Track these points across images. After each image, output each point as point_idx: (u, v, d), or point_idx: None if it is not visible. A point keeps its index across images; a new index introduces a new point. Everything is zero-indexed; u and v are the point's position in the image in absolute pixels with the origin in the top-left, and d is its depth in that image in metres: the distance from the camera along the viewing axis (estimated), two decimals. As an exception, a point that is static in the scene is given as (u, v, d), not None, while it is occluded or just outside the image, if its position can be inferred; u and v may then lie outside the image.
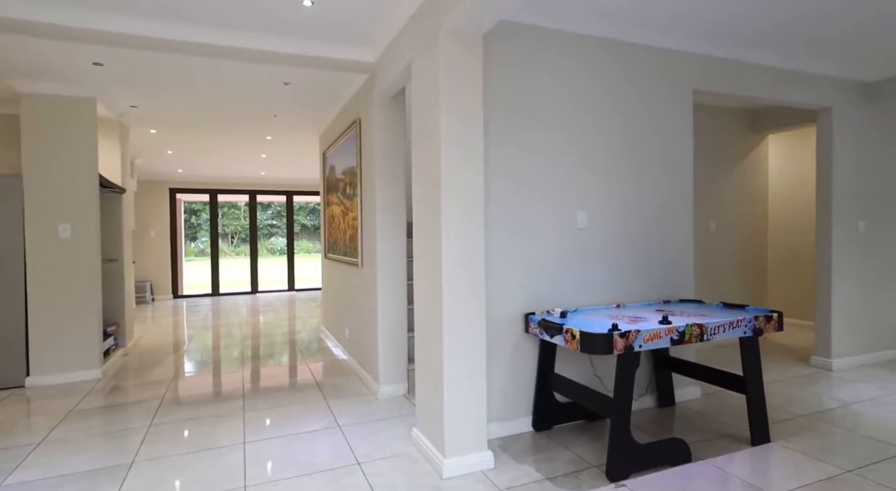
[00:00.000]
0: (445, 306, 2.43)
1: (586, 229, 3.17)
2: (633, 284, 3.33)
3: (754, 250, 5.34)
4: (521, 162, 2.97)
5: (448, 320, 2.43)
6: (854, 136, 4.23)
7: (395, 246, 3.69)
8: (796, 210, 5.80)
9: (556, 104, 3.07)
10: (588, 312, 3.03)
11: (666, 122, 3.42)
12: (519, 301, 2.97)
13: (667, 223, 3.44)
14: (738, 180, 5.22)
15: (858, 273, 4.29)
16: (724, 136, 5.14)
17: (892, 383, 3.79)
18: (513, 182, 2.95)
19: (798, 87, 3.95)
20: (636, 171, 3.32)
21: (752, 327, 2.73)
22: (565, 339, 2.52)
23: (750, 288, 5.33)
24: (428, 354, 2.63)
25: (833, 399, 3.47)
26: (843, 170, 4.18)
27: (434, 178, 2.50)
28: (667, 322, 2.59)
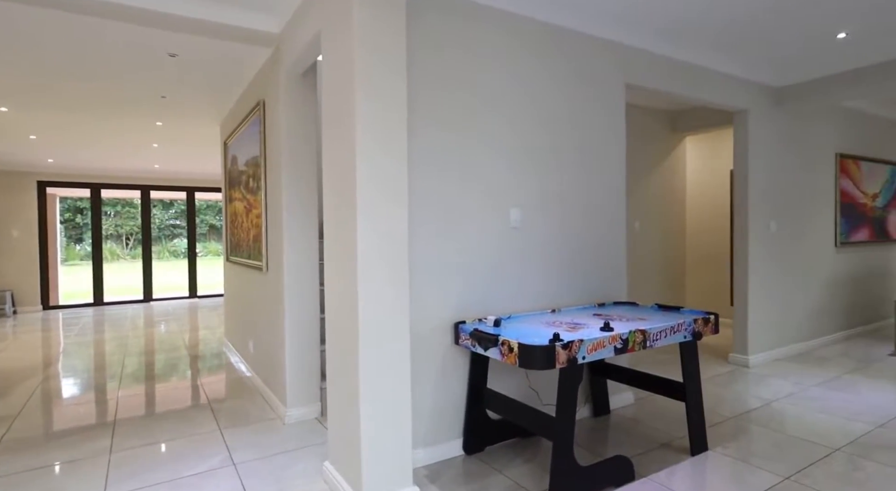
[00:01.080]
0: (362, 315, 2.02)
1: (520, 228, 2.89)
2: (568, 287, 3.11)
3: (674, 250, 5.44)
4: (451, 151, 2.63)
5: (366, 331, 2.03)
6: (766, 138, 4.35)
7: (304, 246, 3.21)
8: (710, 210, 6.01)
9: (493, 90, 2.77)
10: (523, 318, 2.75)
11: (601, 115, 3.25)
12: (448, 308, 2.62)
13: (601, 222, 3.27)
14: (660, 180, 5.28)
15: (770, 271, 4.43)
16: (646, 137, 5.17)
17: (804, 378, 3.91)
18: (441, 173, 2.60)
19: (719, 88, 3.97)
20: (572, 165, 3.11)
21: (692, 331, 2.58)
22: (501, 352, 2.21)
23: (671, 287, 5.42)
24: (341, 371, 2.20)
25: (756, 398, 3.48)
26: (756, 171, 4.29)
27: (348, 167, 2.08)
28: (609, 329, 2.37)
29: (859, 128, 5.38)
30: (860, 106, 5.32)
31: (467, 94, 2.69)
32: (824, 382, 3.79)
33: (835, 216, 5.09)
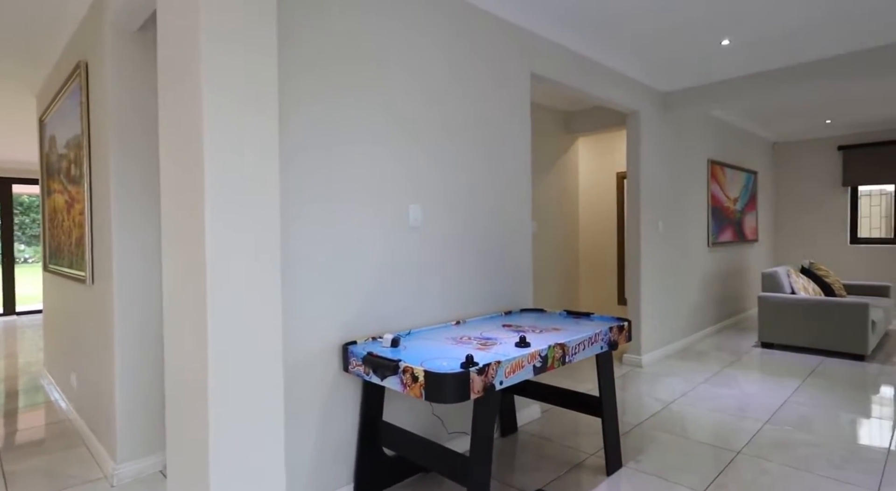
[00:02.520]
0: (213, 334, 1.45)
1: (420, 228, 2.47)
2: (473, 295, 2.76)
3: (569, 251, 5.43)
4: (337, 139, 2.13)
5: (217, 357, 1.46)
6: (654, 140, 4.44)
7: (140, 251, 2.48)
8: (600, 211, 6.12)
9: (386, 65, 2.31)
10: (426, 334, 2.33)
11: (506, 104, 2.95)
12: (335, 326, 2.11)
13: (507, 222, 2.97)
14: (555, 181, 5.22)
15: (658, 270, 4.53)
16: (541, 136, 5.07)
17: (692, 375, 4.00)
18: (323, 162, 2.09)
19: (617, 88, 3.92)
20: (476, 157, 2.76)
21: (608, 341, 2.36)
22: (402, 381, 1.76)
23: (567, 289, 5.39)
24: (183, 415, 1.60)
25: (655, 400, 3.44)
26: (647, 172, 4.34)
27: (192, 132, 1.49)
28: (525, 344, 2.04)
29: (725, 137, 5.81)
30: (725, 116, 5.75)
31: (359, 76, 2.21)
32: (710, 378, 3.90)
33: (707, 218, 5.42)
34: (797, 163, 7.18)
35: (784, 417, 3.09)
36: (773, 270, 4.92)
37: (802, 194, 7.15)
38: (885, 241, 6.63)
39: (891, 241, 6.58)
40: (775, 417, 3.11)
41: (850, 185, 6.76)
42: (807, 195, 7.12)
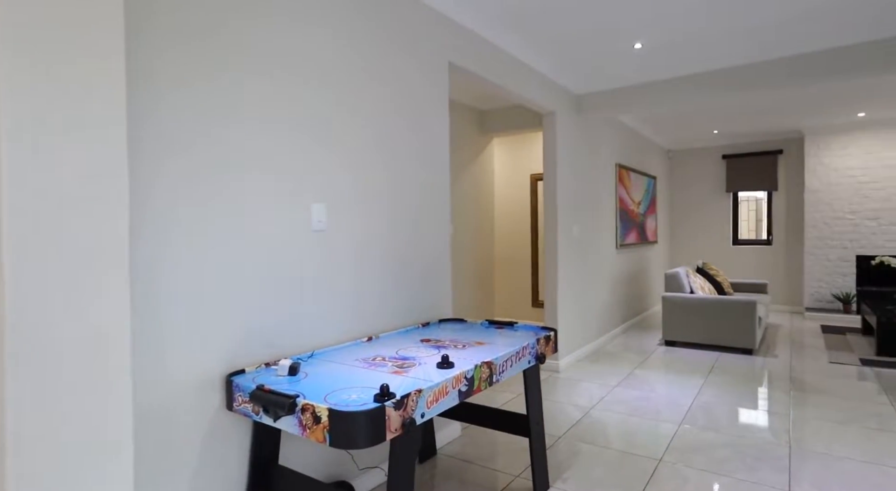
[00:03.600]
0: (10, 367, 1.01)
1: (326, 231, 2.12)
2: (388, 306, 2.45)
3: (484, 254, 5.29)
4: (218, 124, 1.72)
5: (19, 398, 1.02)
6: (569, 142, 4.42)
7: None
8: (514, 213, 6.08)
9: (281, 43, 1.93)
10: (332, 355, 1.98)
11: (423, 95, 2.68)
12: (215, 353, 1.71)
13: (425, 224, 2.70)
14: (471, 182, 5.06)
15: (574, 273, 4.52)
16: (456, 135, 4.88)
17: (606, 378, 4.01)
18: (202, 154, 1.67)
19: (534, 86, 3.82)
20: (391, 152, 2.46)
21: (535, 354, 2.18)
22: (302, 423, 1.42)
23: (482, 293, 5.25)
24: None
25: (575, 407, 3.36)
26: (563, 174, 4.31)
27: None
28: (448, 365, 1.78)
29: (629, 142, 6.03)
30: (629, 122, 5.96)
31: (245, 56, 1.82)
32: (623, 381, 3.92)
33: (615, 221, 5.56)
34: (688, 169, 7.70)
35: (695, 418, 3.13)
36: (675, 271, 5.14)
37: (693, 199, 7.68)
38: (760, 242, 7.30)
39: (765, 242, 7.26)
40: (688, 417, 3.14)
41: (732, 191, 7.36)
42: (697, 200, 7.65)
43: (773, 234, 7.17)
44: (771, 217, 7.21)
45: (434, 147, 2.77)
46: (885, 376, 3.95)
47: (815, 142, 6.51)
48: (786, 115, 5.87)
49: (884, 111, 5.71)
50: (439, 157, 2.81)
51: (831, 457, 2.59)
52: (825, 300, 6.51)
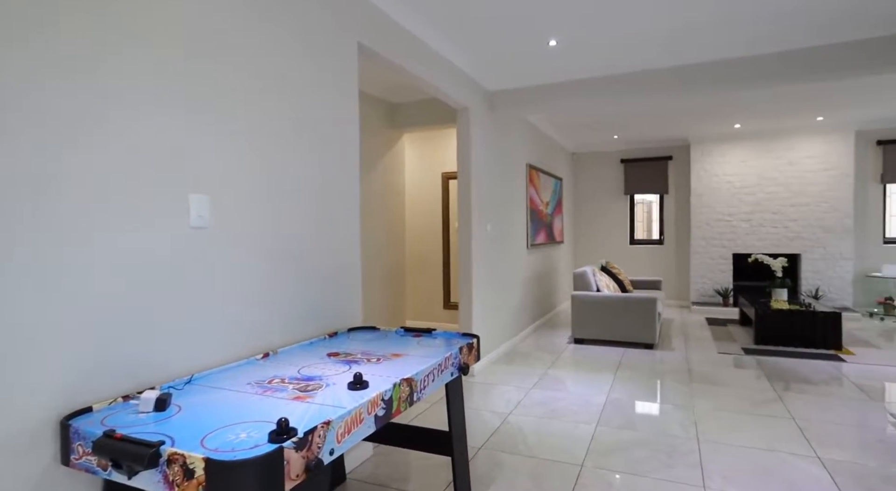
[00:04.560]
0: None
1: (208, 228, 1.75)
2: (289, 315, 2.11)
3: (395, 254, 5.03)
4: (63, 96, 1.30)
5: None
6: (483, 139, 4.31)
7: None
8: (426, 212, 5.88)
9: (152, 10, 1.54)
10: (217, 379, 1.62)
11: (330, 77, 2.37)
12: (48, 386, 1.29)
13: (333, 222, 2.39)
14: (381, 178, 4.77)
15: (487, 273, 4.42)
16: (366, 128, 4.57)
17: (522, 380, 3.94)
18: (44, 133, 1.25)
19: (448, 78, 3.64)
20: (290, 139, 2.13)
21: (458, 364, 1.97)
22: (169, 479, 1.08)
23: (393, 295, 4.98)
24: None
25: (493, 414, 3.23)
26: (477, 172, 4.18)
27: None
28: (361, 384, 1.52)
29: (538, 143, 6.10)
30: (538, 123, 6.04)
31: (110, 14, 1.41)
32: (538, 382, 3.87)
33: (526, 220, 5.58)
34: (591, 172, 8.04)
35: (610, 417, 3.13)
36: (583, 270, 5.26)
37: (595, 201, 8.03)
38: (653, 242, 7.81)
39: (657, 242, 7.77)
40: (603, 417, 3.13)
41: (629, 193, 7.79)
42: (598, 202, 8.01)
43: (665, 235, 7.70)
44: (663, 219, 7.73)
45: (342, 137, 2.47)
46: (764, 364, 4.30)
47: (700, 149, 7.07)
48: (675, 123, 6.29)
49: (755, 124, 6.33)
50: (348, 149, 2.52)
51: (734, 447, 2.69)
52: (708, 295, 7.09)
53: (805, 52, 3.57)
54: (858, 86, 4.76)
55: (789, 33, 3.35)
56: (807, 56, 3.56)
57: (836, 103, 5.40)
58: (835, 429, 2.91)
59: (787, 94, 4.99)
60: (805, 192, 6.59)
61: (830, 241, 6.49)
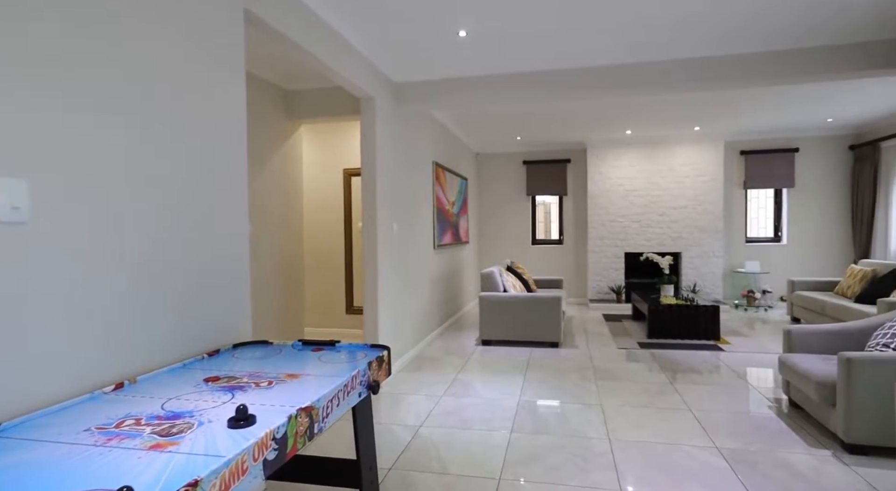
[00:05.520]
0: None
1: (28, 223, 1.31)
2: (150, 331, 1.70)
3: (292, 256, 4.58)
4: None
5: None
6: (388, 133, 4.06)
7: None
8: (327, 211, 5.48)
9: None
10: (42, 425, 1.21)
11: (206, 46, 1.97)
12: None
13: (210, 218, 2.00)
14: (275, 173, 4.31)
15: (394, 275, 4.17)
16: (258, 117, 4.09)
17: (432, 388, 3.75)
18: None
19: (353, 64, 3.34)
20: (151, 119, 1.72)
21: (367, 382, 1.71)
22: None
23: (289, 303, 4.53)
24: None
25: (403, 427, 2.99)
26: (382, 168, 3.92)
27: None
28: (245, 420, 1.20)
29: (444, 141, 5.97)
30: (445, 121, 5.91)
31: None
32: (449, 389, 3.71)
33: (433, 220, 5.42)
34: (495, 173, 8.11)
35: (523, 422, 3.04)
36: (490, 271, 5.21)
37: (499, 201, 8.12)
38: (554, 242, 8.08)
39: (557, 242, 8.05)
40: (517, 423, 3.03)
41: (531, 194, 7.97)
42: (502, 202, 8.10)
43: (564, 235, 7.98)
44: (562, 219, 8.01)
45: (225, 122, 2.09)
46: (658, 357, 4.53)
47: (595, 153, 7.42)
48: (573, 127, 6.52)
49: (643, 131, 6.76)
50: (233, 137, 2.14)
51: (643, 444, 2.71)
52: (604, 292, 7.47)
53: (685, 63, 3.78)
54: (726, 100, 5.23)
55: (676, 44, 3.52)
56: (687, 67, 3.77)
57: (709, 115, 5.92)
58: (725, 418, 3.07)
59: (670, 103, 5.35)
60: (684, 195, 7.18)
61: (705, 241, 7.13)
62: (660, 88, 3.85)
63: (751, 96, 5.12)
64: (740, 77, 3.69)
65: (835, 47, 3.53)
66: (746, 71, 3.67)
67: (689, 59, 3.77)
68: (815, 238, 7.04)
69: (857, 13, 3.08)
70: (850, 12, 3.07)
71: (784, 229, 7.19)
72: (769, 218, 7.38)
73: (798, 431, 2.86)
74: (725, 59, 3.71)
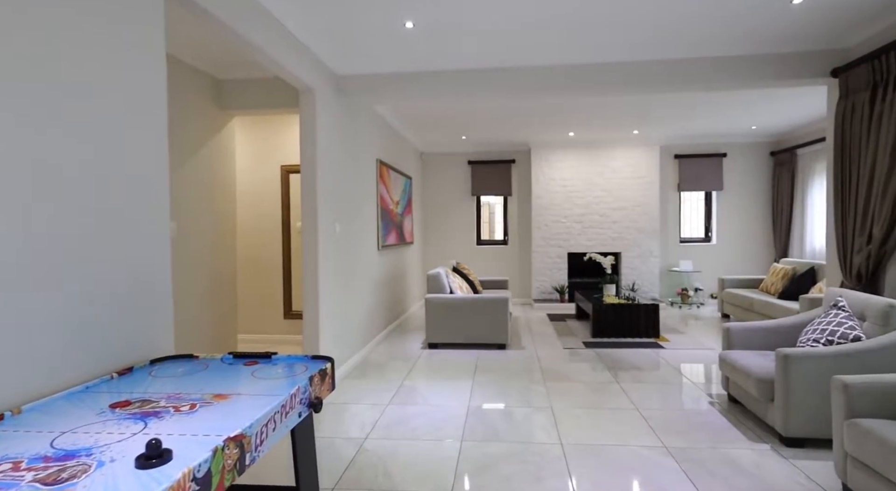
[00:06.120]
0: None
1: None
2: (44, 349, 1.43)
3: (223, 259, 4.23)
4: None
5: None
6: (329, 128, 3.83)
7: None
8: (263, 210, 5.14)
9: None
10: None
11: (118, 23, 1.71)
12: None
13: (120, 216, 1.73)
14: (204, 168, 3.96)
15: (336, 278, 3.94)
16: (184, 107, 3.73)
17: (377, 396, 3.57)
18: None
19: (291, 52, 3.10)
20: (48, 104, 1.45)
21: (308, 400, 1.53)
22: None
23: (221, 310, 4.18)
24: None
25: (347, 441, 2.79)
26: (323, 164, 3.69)
27: None
28: (157, 457, 1.00)
29: (388, 139, 5.79)
30: (389, 118, 5.73)
31: None
32: (394, 397, 3.54)
33: (377, 220, 5.22)
34: (439, 172, 8.00)
35: (474, 430, 2.94)
36: (436, 272, 5.08)
37: (443, 201, 8.02)
38: (498, 242, 8.08)
39: (502, 242, 8.06)
40: (467, 431, 2.92)
41: (476, 194, 7.94)
42: (447, 202, 8.01)
43: (509, 235, 8.01)
44: (507, 220, 8.03)
45: (141, 107, 1.82)
46: (603, 356, 4.59)
47: (539, 154, 7.49)
48: (518, 128, 6.53)
49: (585, 133, 6.89)
50: (150, 124, 1.87)
51: (595, 447, 2.68)
52: (547, 292, 7.55)
53: (623, 66, 3.83)
54: (662, 105, 5.41)
55: (615, 47, 3.55)
56: (625, 70, 3.83)
57: (646, 120, 6.11)
58: (671, 416, 3.11)
59: (610, 107, 5.46)
60: (624, 197, 7.39)
61: (643, 241, 7.38)
62: (600, 90, 3.89)
63: (684, 103, 5.31)
64: (671, 82, 3.78)
65: (756, 57, 3.69)
66: (678, 76, 3.77)
67: (626, 62, 3.83)
68: (741, 238, 7.46)
69: (768, 27, 3.23)
70: (763, 26, 3.21)
71: (714, 230, 7.57)
72: (701, 219, 7.76)
73: (739, 426, 2.94)
74: (660, 64, 3.79)
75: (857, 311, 2.91)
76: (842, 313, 2.89)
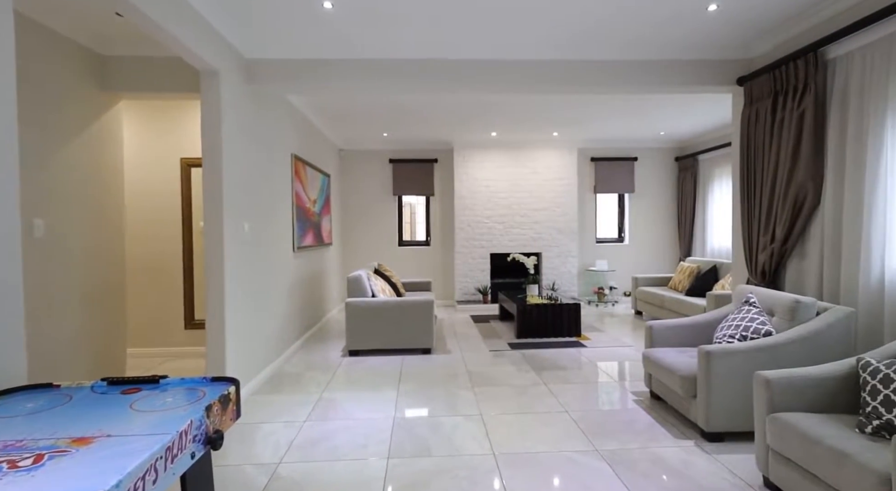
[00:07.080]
0: None
1: None
2: None
3: (108, 262, 3.65)
4: None
5: None
6: (236, 116, 3.43)
7: None
8: (158, 208, 4.56)
9: None
10: None
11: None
12: None
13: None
14: (82, 157, 3.37)
15: (244, 283, 3.55)
16: (54, 83, 3.15)
17: (293, 412, 3.24)
18: None
19: (190, 27, 2.70)
20: None
21: (205, 436, 1.24)
22: None
23: (103, 324, 3.59)
24: None
25: (257, 468, 2.46)
26: (229, 156, 3.29)
27: None
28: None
29: (304, 133, 5.40)
30: (303, 109, 5.35)
31: None
32: (314, 411, 3.24)
33: (292, 219, 4.84)
34: (359, 171, 7.68)
35: (402, 445, 2.72)
36: (357, 274, 4.80)
37: (364, 201, 7.70)
38: (421, 243, 7.91)
39: (424, 243, 7.90)
40: (394, 447, 2.70)
41: (398, 194, 7.71)
42: (367, 202, 7.70)
43: (431, 236, 7.86)
44: (429, 220, 7.88)
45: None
46: (529, 357, 4.56)
47: (462, 154, 7.42)
48: (441, 126, 6.41)
49: (508, 133, 6.92)
50: (-9, 82, 1.47)
51: (527, 455, 2.57)
52: (470, 293, 7.49)
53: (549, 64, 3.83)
54: (579, 107, 5.53)
55: (541, 45, 3.52)
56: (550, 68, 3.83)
57: (565, 122, 6.24)
58: (599, 417, 3.10)
59: (531, 108, 5.49)
60: (544, 198, 7.53)
61: (563, 241, 7.55)
62: (524, 87, 3.84)
63: (598, 106, 5.47)
64: (594, 82, 3.83)
65: (671, 62, 3.84)
66: (601, 77, 3.83)
67: (552, 60, 3.82)
68: (650, 238, 7.88)
69: (683, 34, 3.35)
70: (679, 33, 3.33)
71: (626, 230, 7.94)
72: (615, 220, 8.10)
73: (664, 423, 2.98)
74: (583, 64, 3.83)
75: (766, 307, 3.06)
76: (753, 309, 3.03)
